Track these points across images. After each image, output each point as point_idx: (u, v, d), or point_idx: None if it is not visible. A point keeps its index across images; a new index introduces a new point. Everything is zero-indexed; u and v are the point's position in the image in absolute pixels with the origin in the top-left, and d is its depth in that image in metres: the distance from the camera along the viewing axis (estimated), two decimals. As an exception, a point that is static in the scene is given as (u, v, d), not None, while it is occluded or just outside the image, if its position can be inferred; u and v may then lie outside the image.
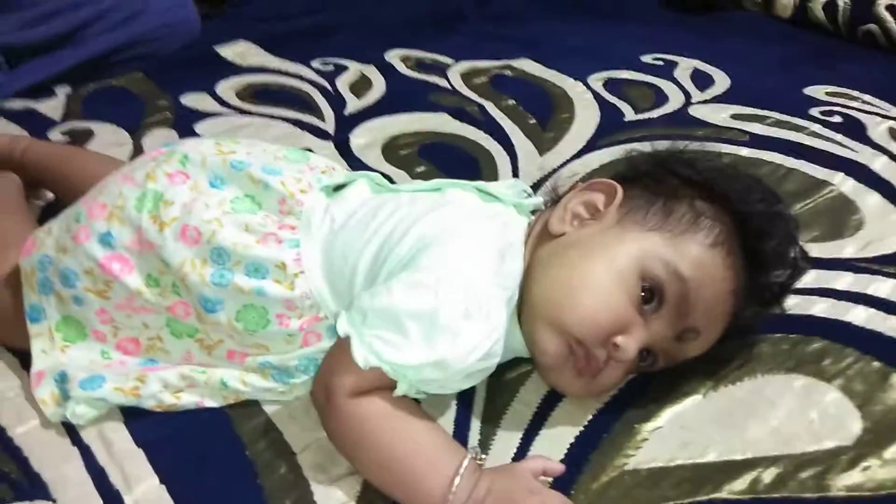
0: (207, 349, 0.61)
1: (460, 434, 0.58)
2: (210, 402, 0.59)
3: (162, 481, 0.53)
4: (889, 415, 0.59)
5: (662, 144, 0.69)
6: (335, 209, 0.61)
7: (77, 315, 0.61)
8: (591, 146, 1.01)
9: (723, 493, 0.53)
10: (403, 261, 0.56)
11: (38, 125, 1.04)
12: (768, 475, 0.54)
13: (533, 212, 0.67)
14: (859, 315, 0.70)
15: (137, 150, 0.98)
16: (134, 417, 0.58)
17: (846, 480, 0.54)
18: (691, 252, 0.56)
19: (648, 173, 0.63)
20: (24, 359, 0.63)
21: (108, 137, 1.01)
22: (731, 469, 0.54)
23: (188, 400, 0.59)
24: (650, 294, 0.55)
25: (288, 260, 0.57)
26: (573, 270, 0.56)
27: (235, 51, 1.30)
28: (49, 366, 0.60)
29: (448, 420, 0.59)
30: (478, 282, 0.55)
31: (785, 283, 0.60)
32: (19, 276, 0.63)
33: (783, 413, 0.59)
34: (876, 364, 0.64)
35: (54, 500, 0.53)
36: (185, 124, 1.05)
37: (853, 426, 0.58)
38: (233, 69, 1.23)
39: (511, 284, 0.58)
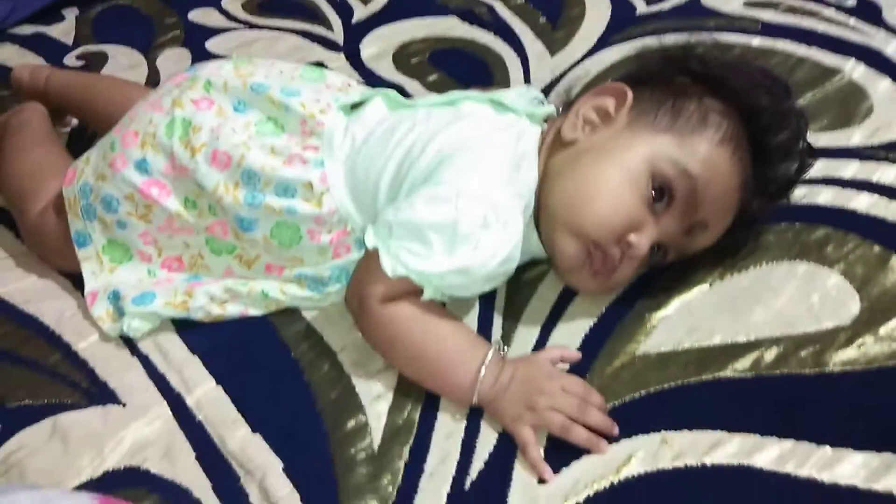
0: (247, 264, 0.65)
1: (483, 331, 0.63)
2: (253, 312, 0.64)
3: (218, 383, 0.59)
4: (886, 295, 0.63)
5: (673, 39, 0.69)
6: (355, 128, 0.63)
7: (121, 238, 0.66)
8: (602, 43, 1.01)
9: (727, 372, 0.58)
10: (423, 175, 0.59)
11: (51, 51, 1.06)
12: (770, 354, 0.59)
13: (546, 119, 0.69)
14: (863, 202, 0.72)
15: (152, 71, 1.00)
16: (185, 328, 0.64)
17: (842, 356, 0.58)
18: (699, 150, 0.58)
19: (658, 72, 0.64)
20: (75, 281, 0.68)
21: (123, 60, 1.03)
22: (735, 350, 0.59)
23: (233, 310, 0.64)
24: (660, 193, 0.58)
25: (314, 179, 0.61)
26: (586, 176, 0.59)
27: (237, -39, 1.28)
28: (101, 286, 0.65)
29: (472, 318, 0.64)
30: (494, 192, 0.58)
31: (791, 176, 0.63)
32: (62, 204, 0.67)
33: (786, 298, 0.63)
34: (876, 248, 0.67)
35: (124, 404, 0.59)
36: (197, 42, 1.06)
37: (852, 307, 0.62)
38: (236, -20, 1.22)
39: (527, 192, 0.61)
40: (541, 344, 0.62)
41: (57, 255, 0.70)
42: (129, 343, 0.64)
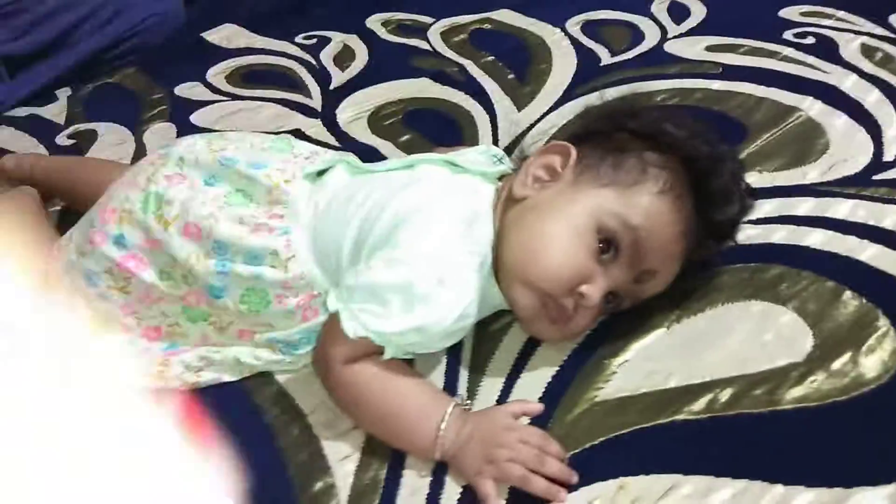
0: (220, 330, 0.68)
1: (450, 383, 0.65)
2: (228, 377, 0.67)
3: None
4: (838, 330, 0.65)
5: (623, 90, 0.73)
6: (318, 195, 0.67)
7: (103, 312, 0.69)
8: (567, 96, 1.05)
9: (682, 415, 0.59)
10: (382, 238, 0.62)
11: (45, 131, 1.11)
12: (724, 395, 0.60)
13: (502, 177, 0.72)
14: (817, 238, 0.74)
15: (139, 147, 1.04)
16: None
17: (794, 394, 0.60)
18: (641, 202, 0.61)
19: (601, 129, 0.68)
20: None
21: (111, 137, 1.08)
22: (691, 392, 0.61)
23: (208, 377, 0.66)
24: (607, 244, 0.61)
25: (280, 246, 0.64)
26: (535, 232, 0.62)
27: (222, 35, 1.34)
28: (84, 359, 0.68)
29: (439, 372, 0.66)
30: (449, 251, 0.61)
31: (734, 218, 0.65)
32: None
33: (740, 337, 0.65)
34: (830, 284, 0.69)
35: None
36: (181, 116, 1.10)
37: (805, 343, 0.64)
38: (220, 54, 1.28)
39: (482, 249, 0.63)
40: (505, 395, 0.64)
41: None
42: (111, 413, 0.66)
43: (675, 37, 1.19)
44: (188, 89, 1.17)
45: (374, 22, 1.34)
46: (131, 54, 1.29)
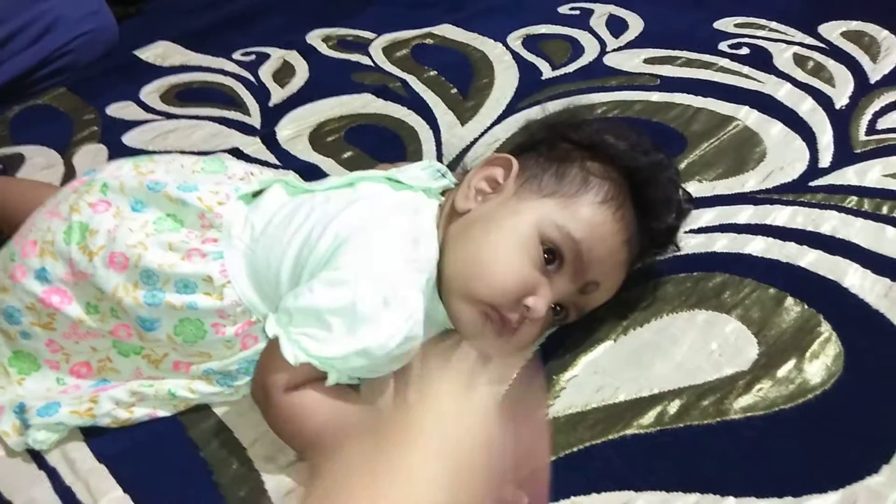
0: (154, 363, 0.65)
1: (398, 408, 0.63)
2: (162, 413, 0.63)
3: (125, 491, 0.58)
4: (782, 337, 0.65)
5: (564, 103, 0.73)
6: (254, 217, 0.64)
7: (27, 348, 0.65)
8: (510, 110, 1.05)
9: (632, 429, 0.59)
10: (322, 260, 0.60)
11: (-32, 156, 1.05)
12: (673, 407, 0.60)
13: (445, 192, 0.71)
14: (758, 246, 0.75)
15: (69, 170, 1.00)
16: (94, 436, 0.62)
17: (742, 403, 0.60)
18: (582, 213, 0.60)
19: (543, 141, 0.67)
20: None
21: (39, 160, 1.03)
22: (640, 406, 0.60)
23: (141, 413, 0.63)
24: (551, 256, 0.60)
25: (214, 272, 0.61)
26: (479, 244, 0.61)
27: (155, 52, 1.30)
28: (8, 399, 0.64)
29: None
30: (392, 271, 0.59)
31: (673, 224, 0.66)
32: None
33: (686, 347, 0.65)
34: (772, 291, 0.70)
35: (29, 523, 0.57)
36: (114, 136, 1.06)
37: (750, 352, 0.64)
38: (155, 72, 1.24)
39: (427, 267, 0.62)
40: (454, 417, 0.62)
41: (-38, 369, 0.68)
42: (37, 456, 0.62)
43: (613, 50, 1.20)
44: (121, 109, 1.13)
45: (314, 38, 1.32)
46: (61, 74, 1.24)
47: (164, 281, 0.61)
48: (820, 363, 0.62)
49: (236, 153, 0.98)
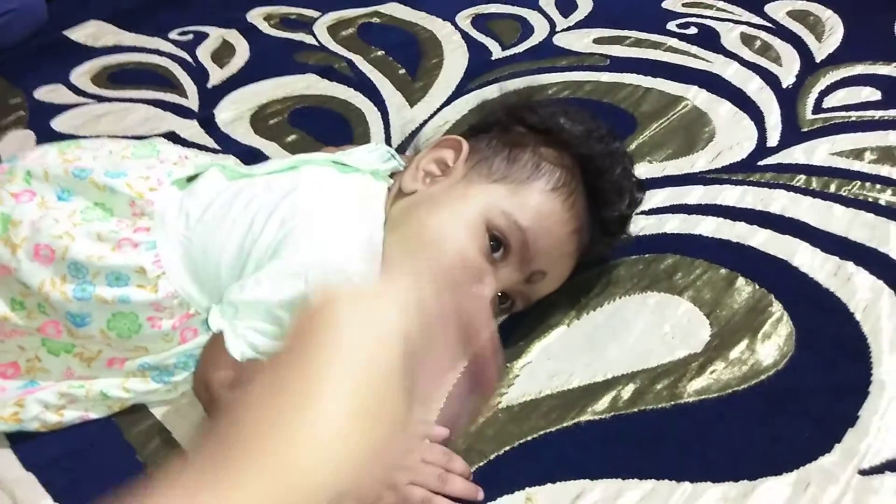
0: (87, 361, 0.61)
1: (347, 401, 0.60)
2: (95, 414, 0.60)
3: (55, 500, 0.54)
4: (734, 318, 0.65)
5: (518, 84, 0.70)
6: (189, 203, 0.61)
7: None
8: (459, 91, 1.02)
9: (587, 416, 0.57)
10: (269, 249, 0.57)
11: None
12: (626, 392, 0.59)
13: (393, 175, 0.68)
14: (709, 226, 0.75)
15: (-7, 158, 0.94)
16: (21, 441, 0.58)
17: (695, 386, 0.59)
18: (531, 200, 0.59)
19: (498, 123, 0.65)
20: None
21: (-39, 147, 0.96)
22: (594, 391, 0.59)
23: (72, 415, 0.59)
24: (497, 243, 0.58)
25: (146, 263, 0.57)
26: (422, 225, 0.59)
27: (87, 32, 1.24)
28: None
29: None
30: (345, 260, 0.56)
31: (624, 213, 0.64)
32: None
33: (639, 331, 0.64)
34: (723, 271, 0.69)
35: (-51, 538, 0.53)
36: (42, 121, 1.00)
37: (702, 333, 0.64)
38: (86, 53, 1.17)
39: (378, 251, 0.59)
40: (405, 408, 0.60)
41: None
42: (-41, 464, 0.58)
43: (563, 30, 1.18)
44: (49, 92, 1.07)
45: (255, 16, 1.27)
46: (-17, 55, 1.17)
47: (93, 274, 0.57)
48: (772, 343, 0.62)
49: (172, 137, 0.93)
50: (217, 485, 0.28)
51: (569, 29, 1.18)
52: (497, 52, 1.13)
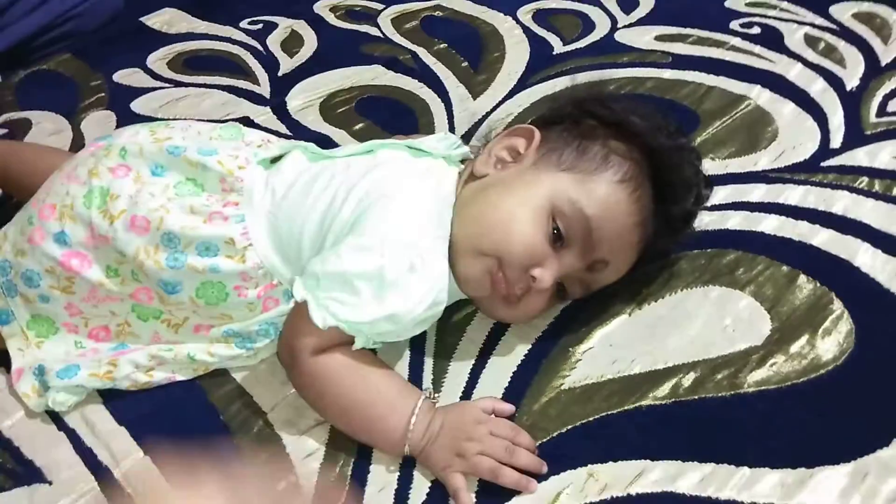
0: (174, 328, 0.65)
1: (415, 375, 0.64)
2: (181, 376, 0.64)
3: (146, 453, 0.58)
4: (795, 313, 0.66)
5: (587, 78, 0.72)
6: (275, 181, 0.64)
7: (45, 312, 0.65)
8: (521, 85, 1.04)
9: (647, 401, 0.59)
10: (347, 225, 0.60)
11: (-27, 120, 1.04)
12: (687, 380, 0.61)
13: (463, 161, 0.71)
14: (771, 224, 0.76)
15: (77, 136, 0.99)
16: (113, 399, 0.63)
17: (756, 377, 0.61)
18: (598, 190, 0.60)
19: (569, 115, 0.67)
20: (1, 357, 0.67)
21: (47, 126, 1.02)
22: (655, 378, 0.61)
23: (160, 376, 0.63)
24: (560, 230, 0.60)
25: (235, 235, 0.61)
26: (491, 206, 0.61)
27: (162, 19, 1.29)
28: (27, 362, 0.64)
29: (404, 363, 0.65)
30: (418, 236, 0.59)
31: (690, 210, 0.66)
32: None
33: (700, 322, 0.66)
34: (784, 268, 0.71)
35: (50, 482, 0.58)
36: (122, 103, 1.05)
37: (763, 327, 0.65)
38: (161, 39, 1.22)
39: (448, 233, 0.62)
40: (471, 386, 0.63)
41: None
42: (57, 418, 0.62)
43: (624, 26, 1.19)
44: (128, 76, 1.12)
45: (321, 7, 1.31)
46: (65, 39, 1.22)
47: (185, 244, 0.61)
48: (832, 339, 0.63)
49: (247, 122, 0.97)
50: None
51: (630, 25, 1.19)
52: (558, 46, 1.14)
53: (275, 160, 0.67)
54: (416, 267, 0.57)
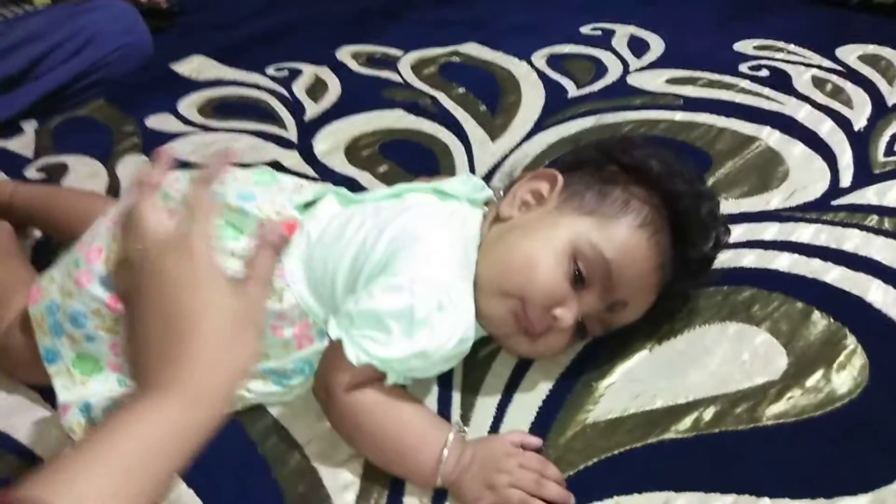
0: (213, 365, 0.68)
1: (444, 409, 0.66)
2: (221, 412, 0.66)
3: (189, 485, 0.61)
4: (810, 348, 0.68)
5: (605, 120, 0.74)
6: (309, 225, 0.68)
7: (91, 351, 0.68)
8: (538, 127, 1.08)
9: (670, 434, 0.62)
10: (378, 266, 0.63)
11: (12, 164, 1.09)
12: (708, 413, 0.63)
13: (487, 203, 0.74)
14: (784, 261, 0.79)
15: (112, 179, 1.04)
16: (155, 433, 0.65)
17: (774, 410, 0.63)
18: (618, 234, 0.63)
19: (591, 160, 0.70)
20: (45, 393, 0.69)
21: (83, 169, 1.06)
22: (676, 412, 0.63)
23: (201, 411, 0.66)
24: (581, 272, 0.63)
25: (274, 277, 0.64)
26: (515, 247, 0.64)
27: (191, 66, 1.35)
28: (74, 398, 0.67)
29: (432, 398, 0.67)
30: (446, 276, 0.62)
31: (708, 254, 0.68)
32: (28, 320, 0.69)
33: (719, 358, 0.68)
34: (799, 304, 0.73)
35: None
36: (155, 147, 1.10)
37: (780, 362, 0.67)
38: (190, 85, 1.28)
39: (473, 270, 0.65)
40: (498, 420, 0.65)
41: (25, 370, 0.71)
42: (100, 451, 0.65)
43: (636, 70, 1.24)
44: (160, 121, 1.17)
45: (344, 54, 1.36)
46: (98, 86, 1.27)
47: (227, 286, 0.64)
48: (847, 374, 0.65)
49: (276, 166, 1.01)
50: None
51: (642, 69, 1.24)
52: (573, 90, 1.18)
53: (308, 205, 0.71)
54: (445, 305, 0.60)
